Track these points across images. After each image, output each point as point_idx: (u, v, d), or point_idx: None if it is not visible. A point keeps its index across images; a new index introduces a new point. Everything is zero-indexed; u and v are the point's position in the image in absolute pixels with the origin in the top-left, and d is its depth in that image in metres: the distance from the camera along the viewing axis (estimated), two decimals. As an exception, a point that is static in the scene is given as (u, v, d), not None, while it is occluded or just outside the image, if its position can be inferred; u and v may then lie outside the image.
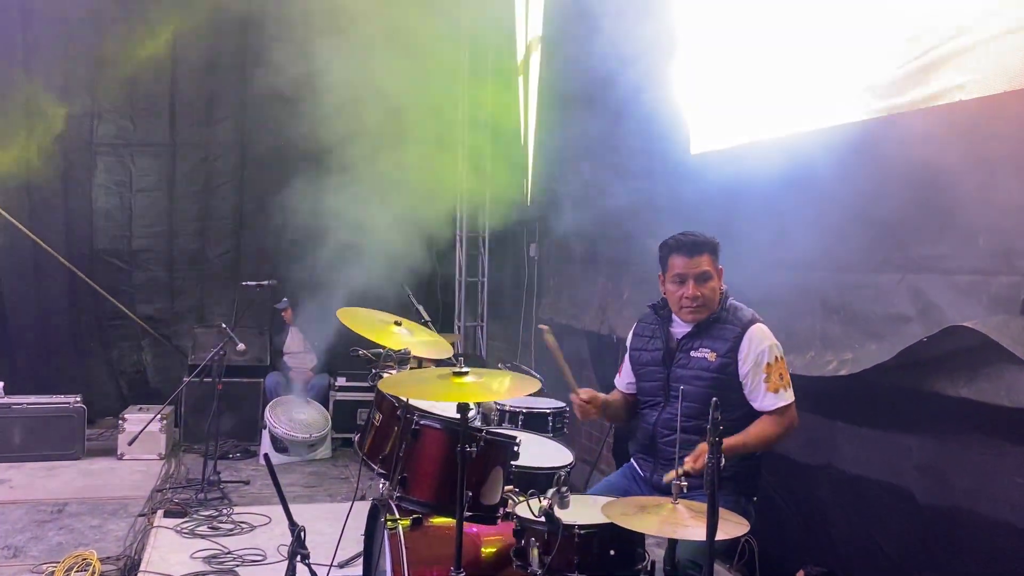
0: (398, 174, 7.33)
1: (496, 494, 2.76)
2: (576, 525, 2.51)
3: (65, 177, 7.42)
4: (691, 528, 2.31)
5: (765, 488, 4.14)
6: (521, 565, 2.59)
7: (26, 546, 4.53)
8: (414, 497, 2.69)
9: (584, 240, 6.06)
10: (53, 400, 6.34)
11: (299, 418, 6.43)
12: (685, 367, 3.00)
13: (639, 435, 3.15)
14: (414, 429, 2.70)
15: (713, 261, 3.01)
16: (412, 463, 2.72)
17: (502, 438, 2.78)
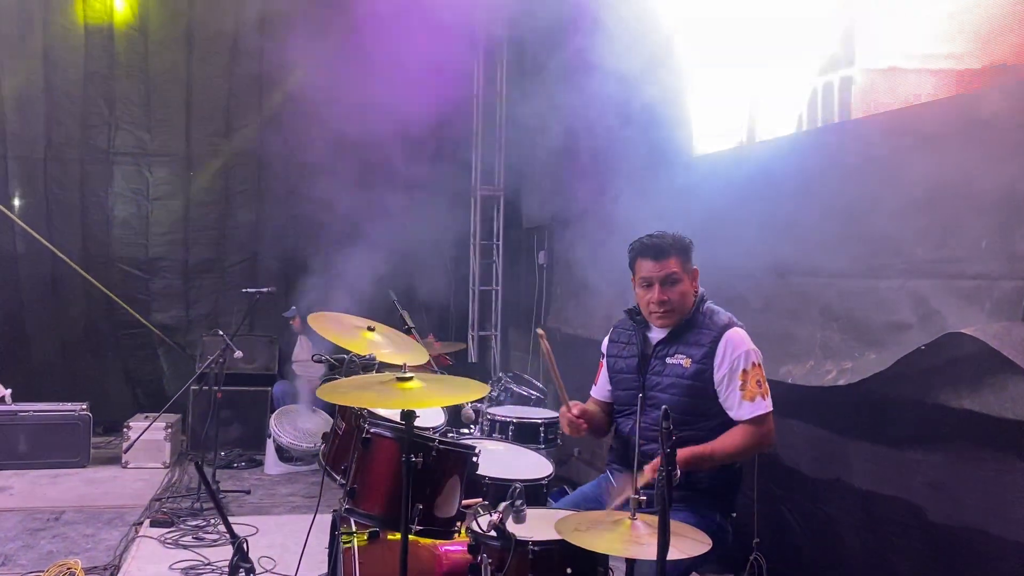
0: (412, 182, 7.30)
1: (452, 507, 2.61)
2: (530, 541, 2.36)
3: (82, 187, 7.48)
4: (646, 546, 2.13)
5: (775, 504, 3.97)
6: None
7: (15, 554, 4.49)
8: (362, 510, 2.55)
9: (589, 247, 5.90)
10: (59, 408, 6.35)
11: (304, 427, 6.35)
12: (660, 374, 2.83)
13: (614, 444, 2.98)
14: (364, 438, 2.57)
15: (683, 263, 2.84)
16: (363, 474, 2.59)
17: (458, 448, 2.63)
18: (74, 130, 7.40)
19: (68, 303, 7.51)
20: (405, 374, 2.39)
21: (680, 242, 2.85)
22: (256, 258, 7.84)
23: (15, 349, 7.37)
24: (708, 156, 4.38)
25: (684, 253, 2.85)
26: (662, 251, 2.82)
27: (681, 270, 2.83)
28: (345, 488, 2.60)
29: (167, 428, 6.36)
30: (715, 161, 4.33)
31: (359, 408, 2.72)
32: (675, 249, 2.83)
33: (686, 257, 2.85)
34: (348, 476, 2.62)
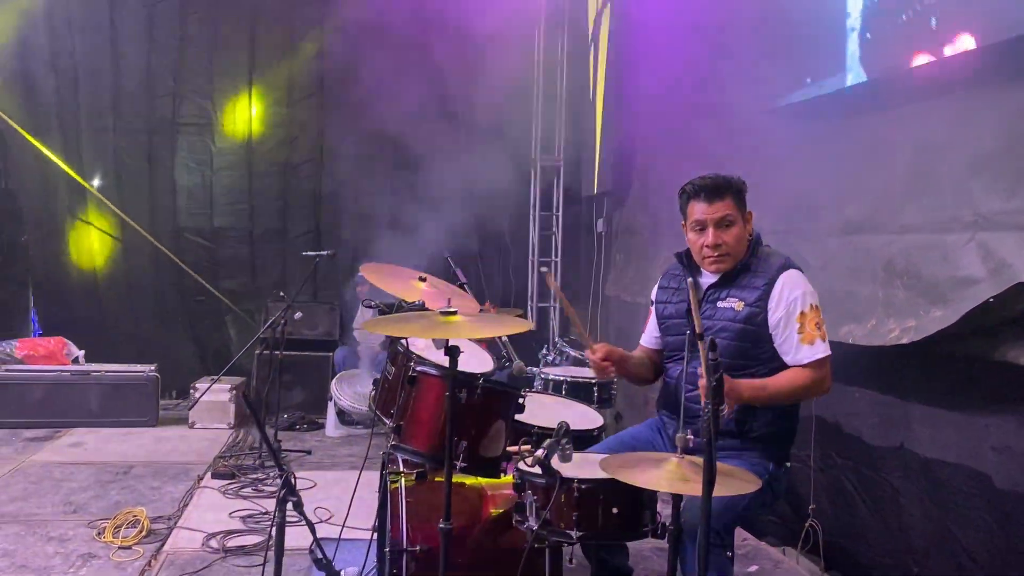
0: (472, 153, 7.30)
1: (497, 447, 2.60)
2: (576, 479, 2.33)
3: (149, 157, 7.68)
4: (691, 483, 2.09)
5: (833, 471, 3.86)
6: (520, 520, 2.43)
7: (87, 503, 4.67)
8: (409, 446, 2.57)
9: (650, 211, 5.82)
10: (129, 369, 6.58)
11: (364, 392, 6.42)
12: (711, 318, 2.75)
13: (663, 390, 2.92)
14: (411, 376, 2.57)
15: (737, 205, 2.74)
16: (409, 411, 2.60)
17: (503, 387, 2.61)
18: (140, 101, 7.59)
19: (138, 271, 7.74)
20: (449, 308, 2.39)
21: (734, 183, 2.75)
22: (319, 227, 7.95)
23: (89, 313, 7.66)
24: (776, 111, 4.25)
25: (738, 195, 2.75)
26: (716, 191, 2.73)
27: (736, 212, 2.73)
28: (391, 425, 2.61)
29: (231, 390, 6.53)
30: (781, 117, 4.19)
31: (407, 351, 2.73)
32: (729, 190, 2.73)
33: (740, 199, 2.75)
34: (395, 416, 2.63)
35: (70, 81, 7.48)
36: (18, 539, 4.08)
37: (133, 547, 3.99)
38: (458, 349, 2.35)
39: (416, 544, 2.57)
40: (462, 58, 7.09)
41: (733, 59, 4.64)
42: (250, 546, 3.97)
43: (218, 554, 3.90)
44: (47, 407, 6.33)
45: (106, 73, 7.48)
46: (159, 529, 4.22)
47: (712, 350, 1.97)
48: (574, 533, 2.33)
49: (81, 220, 7.65)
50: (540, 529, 2.34)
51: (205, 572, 3.69)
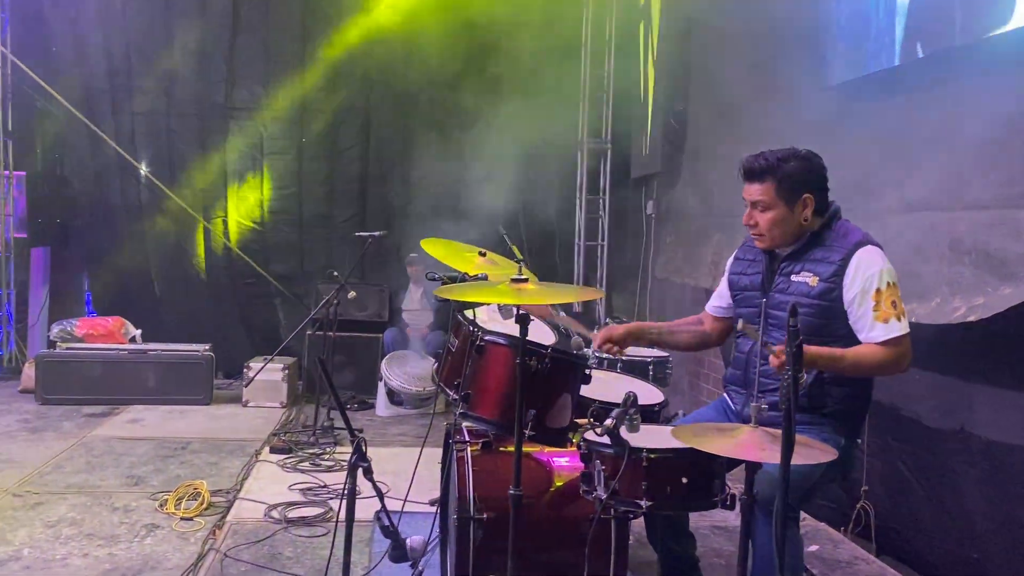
0: (519, 136, 7.30)
1: (564, 417, 2.61)
2: (645, 448, 2.32)
3: (202, 141, 7.79)
4: (767, 451, 2.08)
5: (888, 454, 3.80)
6: (587, 490, 2.43)
7: (148, 476, 4.79)
8: (477, 413, 2.59)
9: (701, 193, 5.77)
10: (184, 348, 6.72)
11: (414, 372, 6.50)
12: (784, 292, 2.72)
13: (732, 365, 2.90)
14: (479, 345, 2.59)
15: (777, 189, 2.67)
16: (477, 380, 2.61)
17: (570, 356, 2.62)
18: (194, 86, 7.69)
19: (192, 254, 7.88)
20: (520, 275, 2.40)
21: (779, 169, 2.67)
22: (365, 211, 8.01)
23: (144, 294, 7.82)
24: (833, 88, 4.18)
25: (783, 180, 2.66)
26: (752, 174, 2.71)
27: (772, 197, 2.67)
28: (459, 393, 2.63)
29: (284, 370, 6.64)
30: (839, 94, 4.12)
31: (473, 321, 2.75)
32: (769, 174, 2.67)
33: (786, 184, 2.67)
34: (462, 385, 2.65)
35: (124, 66, 7.61)
36: (85, 509, 4.20)
37: (194, 518, 4.09)
38: (528, 317, 2.36)
39: (483, 512, 2.59)
40: (508, 40, 7.09)
41: (789, 36, 4.57)
42: (311, 517, 4.05)
43: (280, 524, 3.98)
44: (106, 384, 6.50)
45: (160, 58, 7.59)
46: (218, 502, 4.32)
47: (793, 316, 1.95)
48: (643, 502, 2.32)
49: (135, 204, 7.79)
50: (608, 499, 2.35)
51: (268, 542, 3.77)
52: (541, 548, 2.68)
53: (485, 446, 2.75)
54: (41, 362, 6.50)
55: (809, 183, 2.71)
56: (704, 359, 5.79)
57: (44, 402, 6.41)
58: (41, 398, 6.44)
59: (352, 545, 2.57)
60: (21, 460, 5.00)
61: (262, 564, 3.52)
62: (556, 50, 7.10)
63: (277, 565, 3.52)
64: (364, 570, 3.43)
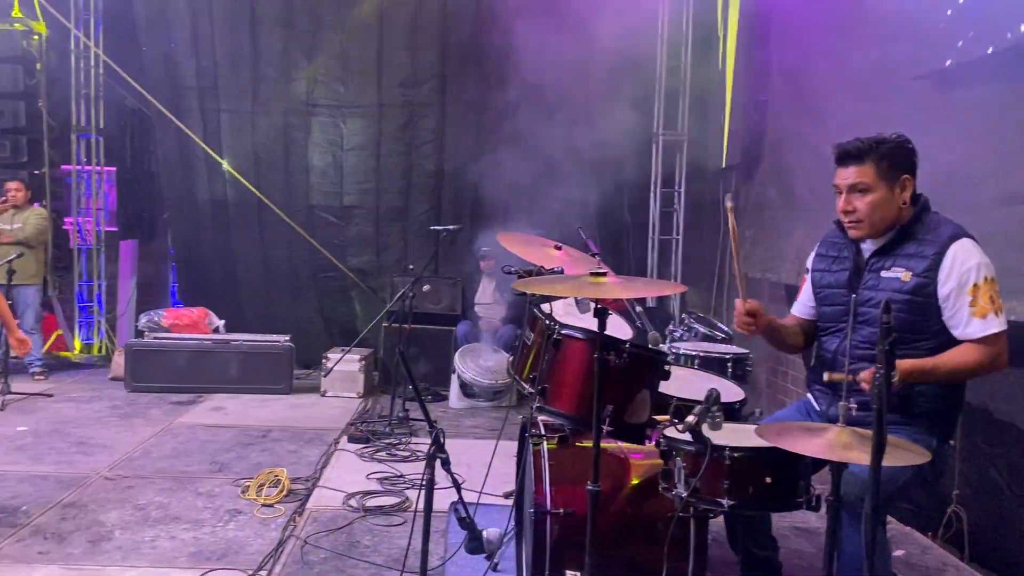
0: (592, 129, 7.26)
1: (643, 413, 2.57)
2: (728, 447, 2.27)
3: (285, 138, 7.97)
4: (856, 452, 2.00)
5: (979, 459, 3.64)
6: (667, 487, 2.39)
7: (230, 463, 4.94)
8: (554, 408, 2.57)
9: (783, 186, 5.62)
10: (265, 339, 6.90)
11: (486, 365, 6.53)
12: (874, 288, 2.61)
13: (817, 365, 2.81)
14: (555, 339, 2.57)
15: (879, 170, 2.57)
16: (554, 374, 2.60)
17: (649, 352, 2.58)
18: (277, 84, 7.87)
19: (273, 247, 8.07)
20: (599, 269, 2.37)
21: (880, 147, 2.58)
22: (440, 205, 8.07)
23: (227, 286, 8.06)
24: (925, 77, 4.00)
25: (884, 159, 2.58)
26: (849, 156, 2.60)
27: (873, 178, 2.58)
28: (535, 387, 2.62)
29: (361, 361, 6.75)
30: (930, 83, 3.95)
31: (550, 315, 2.73)
32: (869, 154, 2.58)
33: (887, 164, 2.58)
34: (538, 380, 2.64)
35: (210, 65, 7.84)
36: (171, 493, 4.35)
37: (275, 505, 4.19)
38: (607, 311, 2.33)
39: (560, 507, 2.58)
40: (583, 32, 7.03)
41: (875, 24, 4.39)
42: (388, 506, 4.11)
43: (358, 513, 4.05)
44: (190, 373, 6.72)
45: (245, 57, 7.80)
46: (298, 489, 4.42)
47: (887, 312, 1.87)
48: (725, 501, 2.27)
49: (219, 199, 8.03)
50: (689, 497, 2.30)
51: (347, 530, 3.84)
52: (618, 544, 2.65)
53: (561, 440, 2.73)
54: (130, 351, 6.76)
55: (906, 165, 2.63)
56: (784, 356, 5.64)
57: (133, 390, 6.68)
58: (130, 386, 6.70)
59: (433, 534, 2.58)
60: (112, 445, 5.21)
61: (341, 552, 3.59)
62: (631, 41, 7.01)
63: (355, 553, 3.58)
64: (440, 560, 3.46)
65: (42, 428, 5.53)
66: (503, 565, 3.22)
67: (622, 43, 6.78)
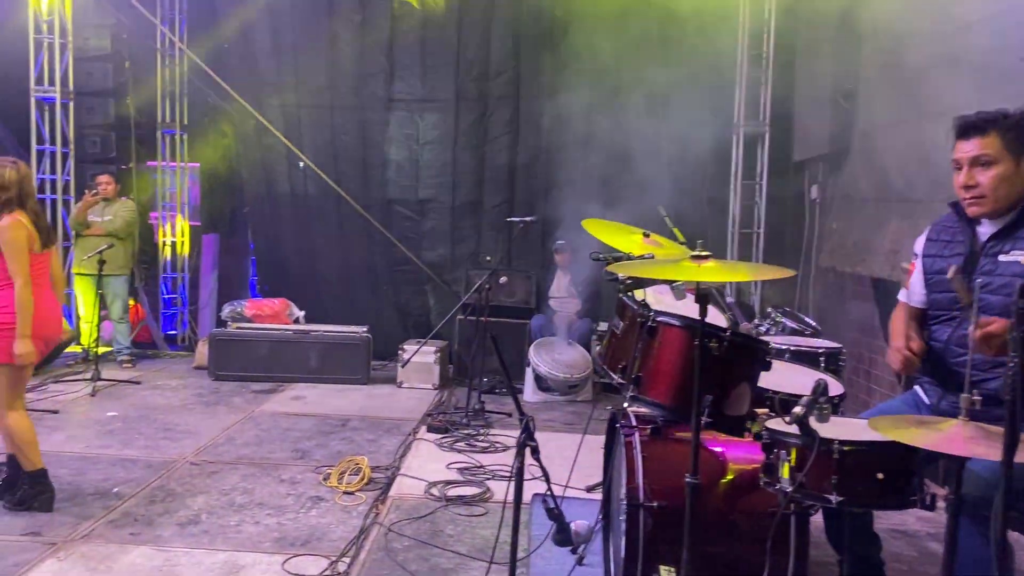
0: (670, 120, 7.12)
1: (742, 405, 2.46)
2: (836, 440, 2.15)
3: (363, 132, 8.04)
4: (982, 447, 1.87)
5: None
6: (769, 482, 2.28)
7: (311, 451, 4.99)
8: (649, 397, 2.48)
9: (876, 175, 5.39)
10: (344, 329, 6.97)
11: (561, 359, 6.46)
12: (991, 274, 2.45)
13: (926, 355, 2.65)
14: (650, 327, 2.49)
15: (1001, 141, 2.41)
16: (648, 362, 2.51)
17: (751, 340, 2.47)
18: (356, 79, 7.94)
19: (351, 240, 8.15)
20: (701, 252, 2.28)
21: (1007, 118, 2.43)
22: (514, 198, 8.03)
23: (306, 278, 8.18)
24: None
25: (1011, 131, 2.42)
26: (973, 127, 2.45)
27: (999, 150, 2.42)
28: (626, 377, 2.54)
29: (436, 353, 6.76)
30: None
31: (642, 304, 2.65)
32: (995, 126, 2.42)
33: (1012, 134, 2.42)
34: (630, 369, 2.56)
35: (291, 61, 7.96)
36: (255, 479, 4.41)
37: (356, 493, 4.20)
38: (709, 296, 2.24)
39: (653, 500, 2.50)
40: (662, 21, 6.92)
41: (981, 1, 4.16)
42: (469, 496, 4.08)
43: (440, 502, 4.03)
44: (271, 363, 6.84)
45: (323, 53, 7.89)
46: (378, 478, 4.43)
47: (1022, 296, 1.73)
48: (833, 497, 2.15)
49: (299, 193, 8.15)
50: (794, 492, 2.19)
51: (429, 519, 3.83)
52: (713, 540, 2.55)
53: (654, 432, 2.64)
54: (214, 340, 6.91)
55: None
56: (865, 352, 5.42)
57: (216, 378, 6.82)
58: (213, 374, 6.85)
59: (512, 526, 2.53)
60: (196, 431, 5.32)
61: (424, 540, 3.57)
62: (711, 30, 6.85)
63: (439, 542, 3.56)
64: (524, 552, 3.41)
65: (130, 414, 5.69)
66: (589, 559, 3.15)
67: (702, 32, 6.64)
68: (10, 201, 3.80)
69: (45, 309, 3.87)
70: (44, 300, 3.87)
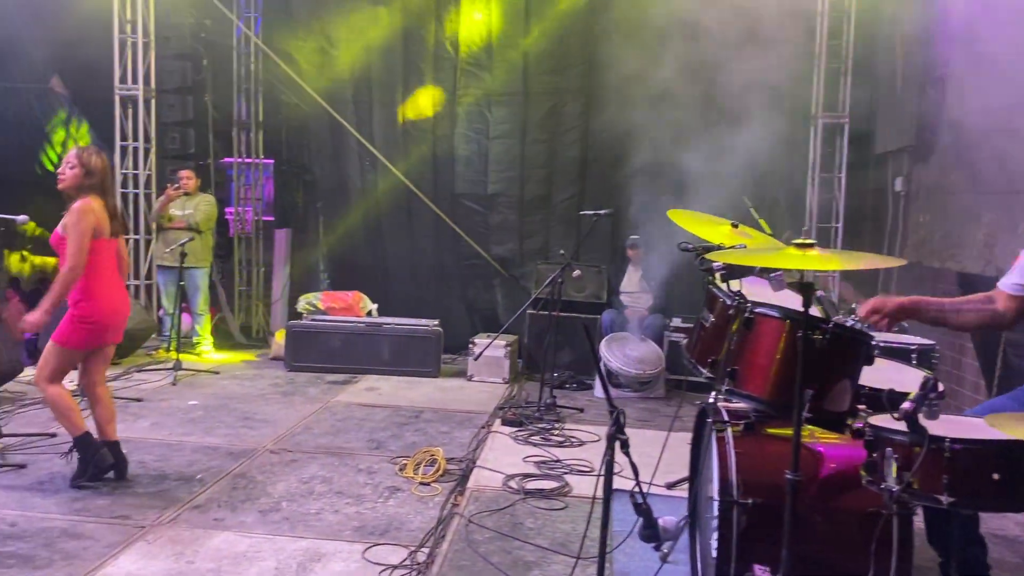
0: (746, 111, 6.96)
1: (843, 401, 2.37)
2: (948, 438, 2.06)
3: (433, 127, 8.07)
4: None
5: None
6: (872, 481, 2.19)
7: (386, 441, 5.03)
8: (745, 391, 2.41)
9: (968, 167, 5.17)
10: (415, 323, 7.01)
11: (633, 354, 6.38)
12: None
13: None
14: (747, 318, 2.41)
15: None
16: (744, 355, 2.44)
17: (854, 333, 2.37)
18: (425, 74, 7.97)
19: (419, 235, 8.20)
20: (805, 239, 2.20)
21: None
22: (583, 192, 7.96)
23: (378, 273, 8.27)
24: None
25: None
26: None
27: None
28: (719, 370, 2.47)
29: (507, 347, 6.76)
30: None
31: (737, 295, 2.57)
32: None
33: None
34: (725, 362, 2.49)
35: (362, 57, 8.01)
36: (333, 468, 4.46)
37: (432, 483, 4.21)
38: (814, 286, 2.16)
39: (748, 497, 2.43)
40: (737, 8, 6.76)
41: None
42: (548, 490, 4.06)
43: (518, 495, 4.01)
44: (345, 354, 6.93)
45: (396, 49, 7.94)
46: (453, 469, 4.43)
47: None
48: (944, 498, 2.06)
49: (370, 188, 8.23)
50: (901, 492, 2.10)
51: (509, 511, 3.81)
52: (809, 539, 2.46)
53: (748, 427, 2.57)
54: (290, 332, 7.03)
55: None
56: (956, 356, 5.21)
57: (292, 369, 6.94)
58: (289, 365, 6.97)
59: (595, 520, 2.49)
60: (274, 420, 5.41)
61: (505, 532, 3.56)
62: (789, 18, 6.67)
63: (520, 535, 3.54)
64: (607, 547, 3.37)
65: (211, 403, 5.82)
66: (674, 556, 3.08)
67: (778, 20, 6.47)
68: (94, 187, 3.89)
69: (111, 295, 3.96)
70: (111, 286, 3.96)
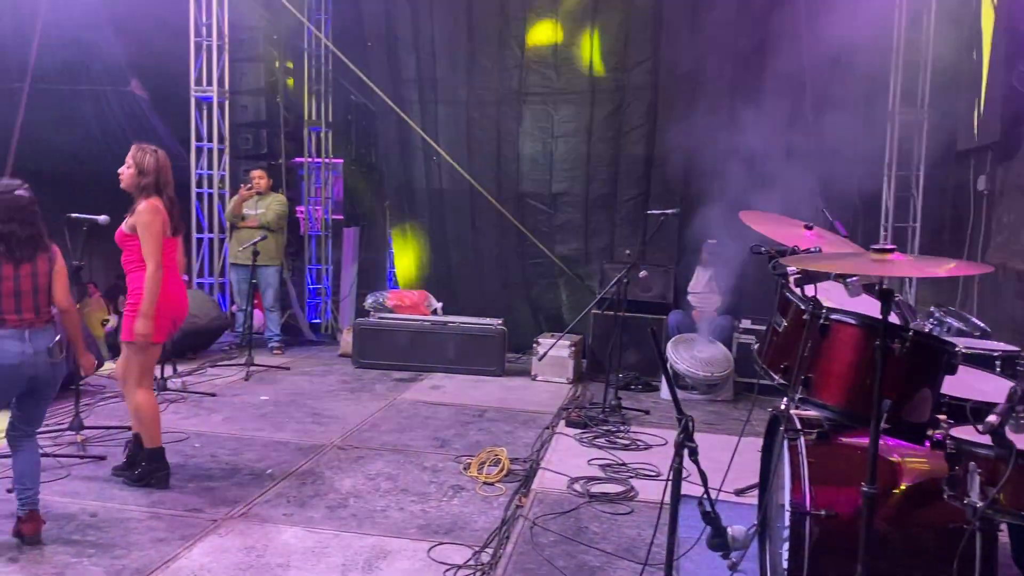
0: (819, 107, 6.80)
1: (923, 411, 2.29)
2: (1036, 453, 1.97)
3: (498, 126, 8.09)
4: None
5: None
6: (954, 495, 2.11)
7: (451, 440, 5.06)
8: (819, 399, 2.35)
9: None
10: (480, 322, 7.05)
11: (701, 356, 6.29)
12: None
13: None
14: (822, 324, 2.34)
15: None
16: (819, 363, 2.37)
17: (935, 341, 2.29)
18: (491, 73, 7.99)
19: (484, 234, 8.24)
20: (886, 245, 2.12)
21: None
22: (649, 191, 7.88)
23: (442, 271, 8.34)
24: None
25: None
26: None
27: None
28: (792, 377, 2.41)
29: (571, 347, 6.73)
30: None
31: (812, 301, 2.50)
32: None
33: None
34: (799, 369, 2.42)
35: (429, 57, 8.10)
36: (398, 465, 4.51)
37: (496, 484, 4.22)
38: (893, 293, 2.09)
39: (820, 508, 2.36)
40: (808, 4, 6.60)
41: None
42: (614, 494, 4.02)
43: (583, 498, 3.99)
44: (411, 352, 7.01)
45: (461, 48, 7.99)
46: (516, 470, 4.43)
47: None
48: (1032, 516, 1.97)
49: (436, 187, 8.29)
50: (987, 508, 2.01)
51: (573, 514, 3.79)
52: (886, 555, 2.38)
53: (821, 436, 2.50)
54: (358, 329, 7.14)
55: None
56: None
57: (359, 366, 7.05)
58: (357, 362, 7.08)
59: (662, 527, 2.45)
60: (342, 416, 5.49)
61: (570, 536, 3.54)
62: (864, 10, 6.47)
63: (584, 539, 3.52)
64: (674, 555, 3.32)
65: (281, 398, 5.94)
66: (743, 566, 3.02)
67: (854, 13, 6.28)
68: (148, 187, 3.99)
69: (173, 292, 4.06)
70: (172, 283, 4.06)
